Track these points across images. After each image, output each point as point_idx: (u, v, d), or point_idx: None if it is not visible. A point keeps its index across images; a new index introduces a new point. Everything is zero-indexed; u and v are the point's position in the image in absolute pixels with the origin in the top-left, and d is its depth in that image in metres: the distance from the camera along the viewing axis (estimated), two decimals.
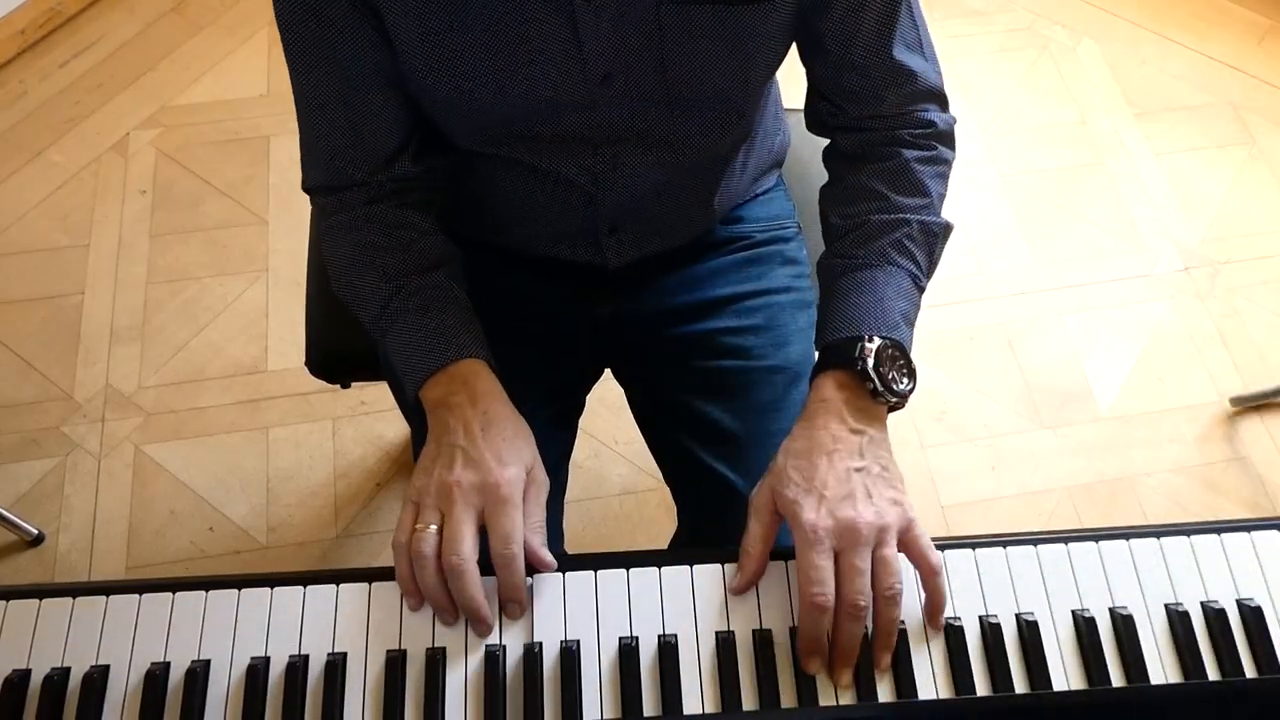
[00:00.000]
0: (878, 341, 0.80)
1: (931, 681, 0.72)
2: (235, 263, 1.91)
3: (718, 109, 0.89)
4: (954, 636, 0.73)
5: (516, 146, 0.90)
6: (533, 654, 0.72)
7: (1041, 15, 2.27)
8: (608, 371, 1.13)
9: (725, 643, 0.72)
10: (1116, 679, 0.72)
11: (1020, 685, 0.72)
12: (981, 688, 0.72)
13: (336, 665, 0.72)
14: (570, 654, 0.72)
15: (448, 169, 0.96)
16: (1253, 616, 0.74)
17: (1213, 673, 0.73)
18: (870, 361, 0.79)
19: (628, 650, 0.72)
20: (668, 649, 0.72)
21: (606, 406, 1.71)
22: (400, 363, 0.84)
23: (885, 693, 0.72)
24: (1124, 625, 0.74)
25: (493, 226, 1.03)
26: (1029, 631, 0.73)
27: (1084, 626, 0.74)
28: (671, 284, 1.05)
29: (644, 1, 0.79)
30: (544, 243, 1.01)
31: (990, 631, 0.73)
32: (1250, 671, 0.73)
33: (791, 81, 0.98)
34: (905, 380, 0.81)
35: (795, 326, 1.04)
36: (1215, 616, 0.74)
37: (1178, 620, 0.74)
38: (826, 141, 0.97)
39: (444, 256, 0.89)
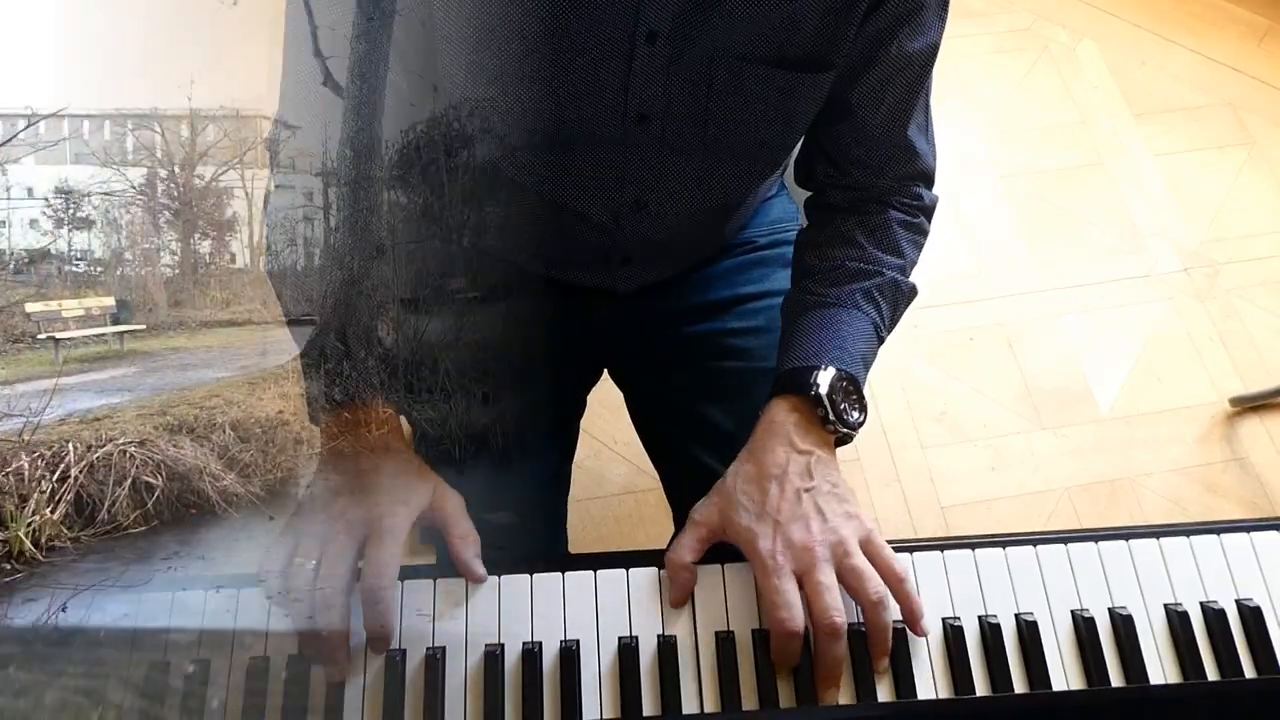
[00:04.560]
0: (833, 370, 0.81)
1: (931, 682, 0.72)
2: None
3: (754, 160, 0.91)
4: (954, 636, 0.73)
5: (543, 173, 0.89)
6: (532, 654, 0.72)
7: (1041, 16, 2.27)
8: (607, 371, 1.13)
9: (725, 643, 0.72)
10: (1116, 679, 0.72)
11: (1020, 685, 0.72)
12: (981, 688, 0.72)
13: None
14: (570, 653, 0.72)
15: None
16: (1252, 617, 0.75)
17: (1212, 673, 0.73)
18: (824, 389, 0.80)
19: (627, 650, 0.72)
20: (667, 649, 0.72)
21: (606, 407, 1.70)
22: (310, 379, 0.80)
23: (885, 693, 0.72)
24: (1123, 625, 0.74)
25: (501, 244, 1.03)
26: (1028, 631, 0.73)
27: (1083, 626, 0.74)
28: (674, 289, 1.05)
29: (698, 56, 0.79)
30: (554, 267, 1.01)
31: (990, 631, 0.73)
32: (1249, 672, 0.73)
33: None
34: (856, 412, 0.81)
35: None
36: (1214, 617, 0.74)
37: (1177, 620, 0.74)
38: None
39: None
